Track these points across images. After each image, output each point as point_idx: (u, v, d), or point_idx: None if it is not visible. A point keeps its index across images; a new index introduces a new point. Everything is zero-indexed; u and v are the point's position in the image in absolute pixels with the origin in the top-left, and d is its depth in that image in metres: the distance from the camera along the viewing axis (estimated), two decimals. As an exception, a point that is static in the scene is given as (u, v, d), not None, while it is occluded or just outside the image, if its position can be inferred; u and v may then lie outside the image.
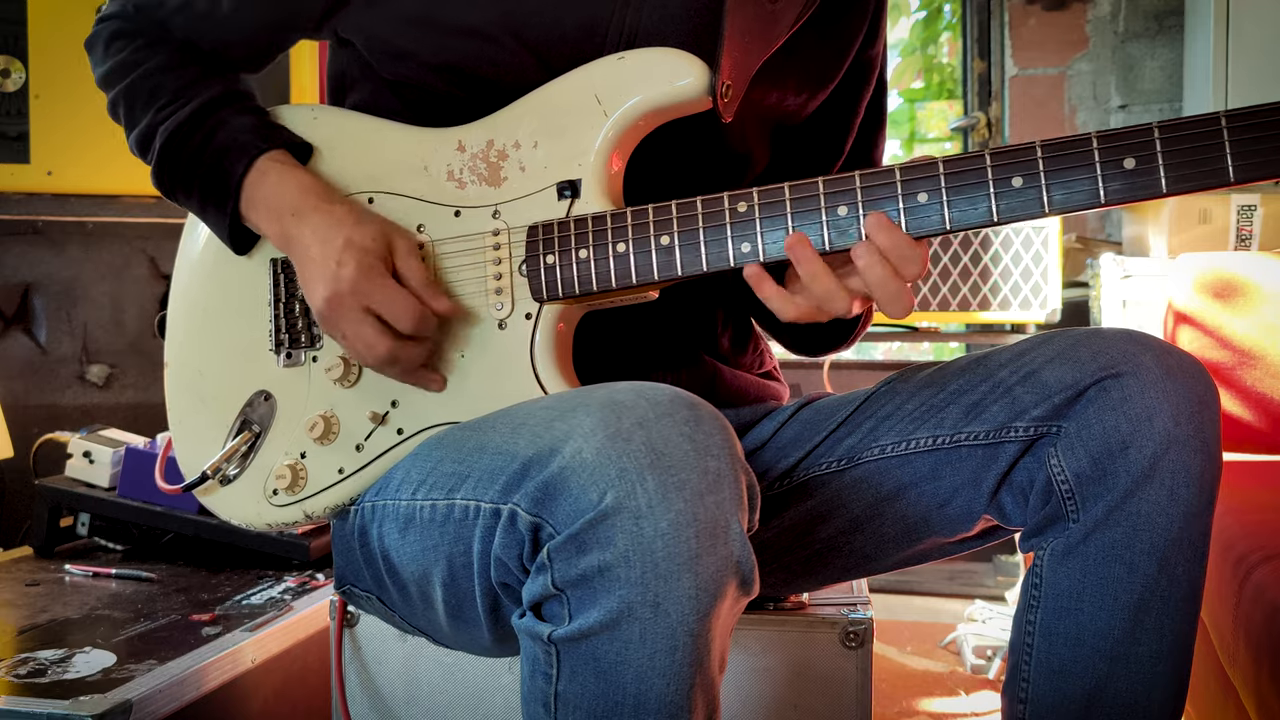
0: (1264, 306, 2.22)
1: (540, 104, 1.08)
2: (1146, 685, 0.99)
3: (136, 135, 1.18)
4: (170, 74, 1.17)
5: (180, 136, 1.14)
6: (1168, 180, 0.89)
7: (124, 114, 1.20)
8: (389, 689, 1.29)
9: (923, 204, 0.96)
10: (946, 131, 4.85)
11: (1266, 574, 1.41)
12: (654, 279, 1.02)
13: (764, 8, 1.10)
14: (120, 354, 2.61)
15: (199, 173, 1.14)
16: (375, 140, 1.15)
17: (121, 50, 1.19)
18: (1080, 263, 2.98)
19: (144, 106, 1.17)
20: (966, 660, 2.52)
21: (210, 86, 1.16)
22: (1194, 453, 0.97)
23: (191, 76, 1.17)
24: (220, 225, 1.16)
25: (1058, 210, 0.93)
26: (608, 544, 0.81)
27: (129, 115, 1.19)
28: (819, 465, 1.17)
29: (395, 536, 1.05)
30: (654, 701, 0.83)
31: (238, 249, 1.18)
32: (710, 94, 1.03)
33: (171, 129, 1.14)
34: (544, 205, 1.07)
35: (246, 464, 1.16)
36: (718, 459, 0.84)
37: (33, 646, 1.40)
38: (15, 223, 2.52)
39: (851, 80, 1.26)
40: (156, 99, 1.16)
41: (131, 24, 1.21)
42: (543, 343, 1.06)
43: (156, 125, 1.15)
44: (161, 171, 1.16)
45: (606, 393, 0.89)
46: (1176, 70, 3.23)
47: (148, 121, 1.16)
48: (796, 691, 1.24)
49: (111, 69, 1.20)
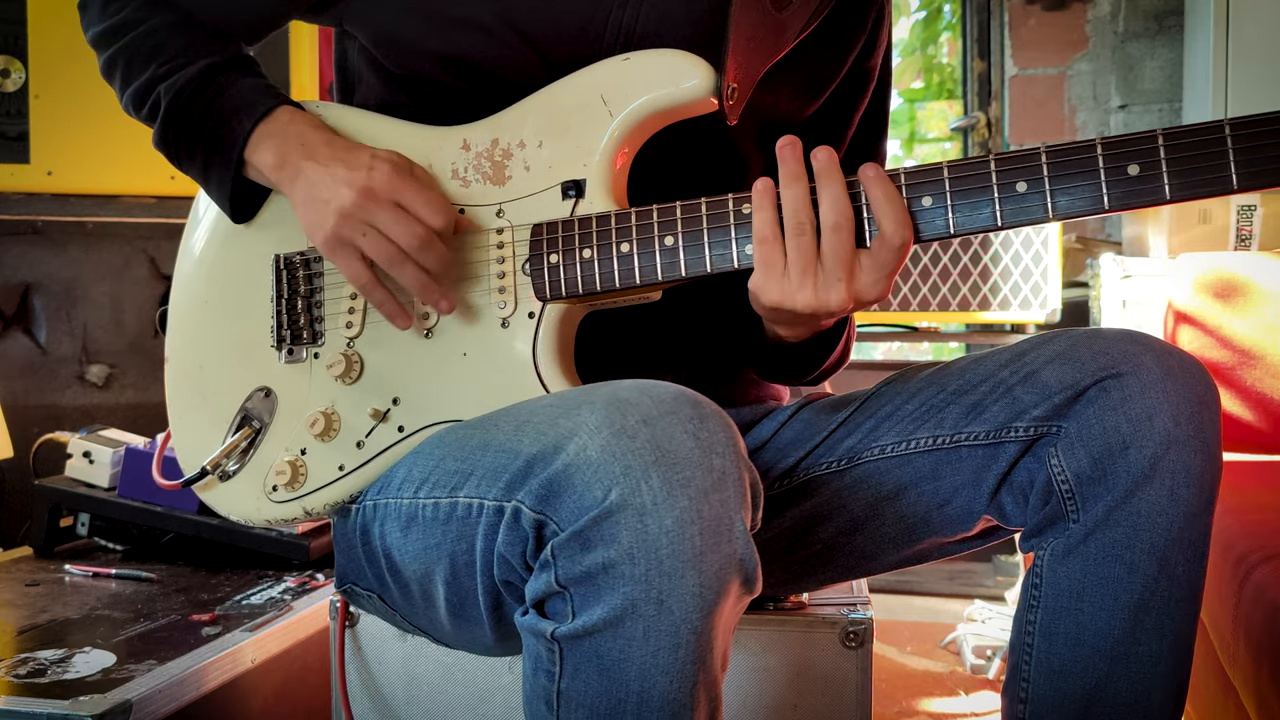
0: (1264, 306, 2.22)
1: (546, 103, 1.08)
2: (1146, 685, 0.99)
3: (134, 91, 1.16)
4: (174, 32, 1.15)
5: (187, 94, 1.12)
6: (1171, 187, 0.90)
7: (120, 70, 1.17)
8: (389, 689, 1.29)
9: (927, 208, 0.96)
10: (946, 131, 4.85)
11: (1266, 574, 1.41)
12: (658, 279, 1.02)
13: (770, 15, 1.10)
14: (120, 354, 2.61)
15: (207, 128, 1.12)
16: (380, 137, 1.14)
17: (121, 10, 1.17)
18: (1080, 263, 2.98)
19: (144, 62, 1.15)
20: (966, 660, 2.52)
21: (216, 49, 1.15)
22: (1194, 453, 0.97)
23: (196, 37, 1.15)
24: (223, 182, 1.14)
25: (1062, 216, 0.93)
26: (612, 541, 0.81)
27: (126, 71, 1.16)
28: (819, 465, 1.17)
29: (397, 535, 1.05)
30: (657, 699, 0.83)
31: (237, 215, 1.16)
32: (716, 96, 1.04)
33: (179, 85, 1.12)
34: (548, 204, 1.07)
35: (246, 460, 1.16)
36: (722, 457, 0.84)
37: (33, 646, 1.40)
38: (15, 223, 2.52)
39: (847, 89, 1.26)
40: (158, 55, 1.14)
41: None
42: (545, 342, 1.06)
43: (157, 81, 1.13)
44: (166, 130, 1.14)
45: (611, 390, 0.89)
46: (1176, 70, 3.23)
47: (147, 77, 1.14)
48: (796, 691, 1.24)
49: (109, 27, 1.17)
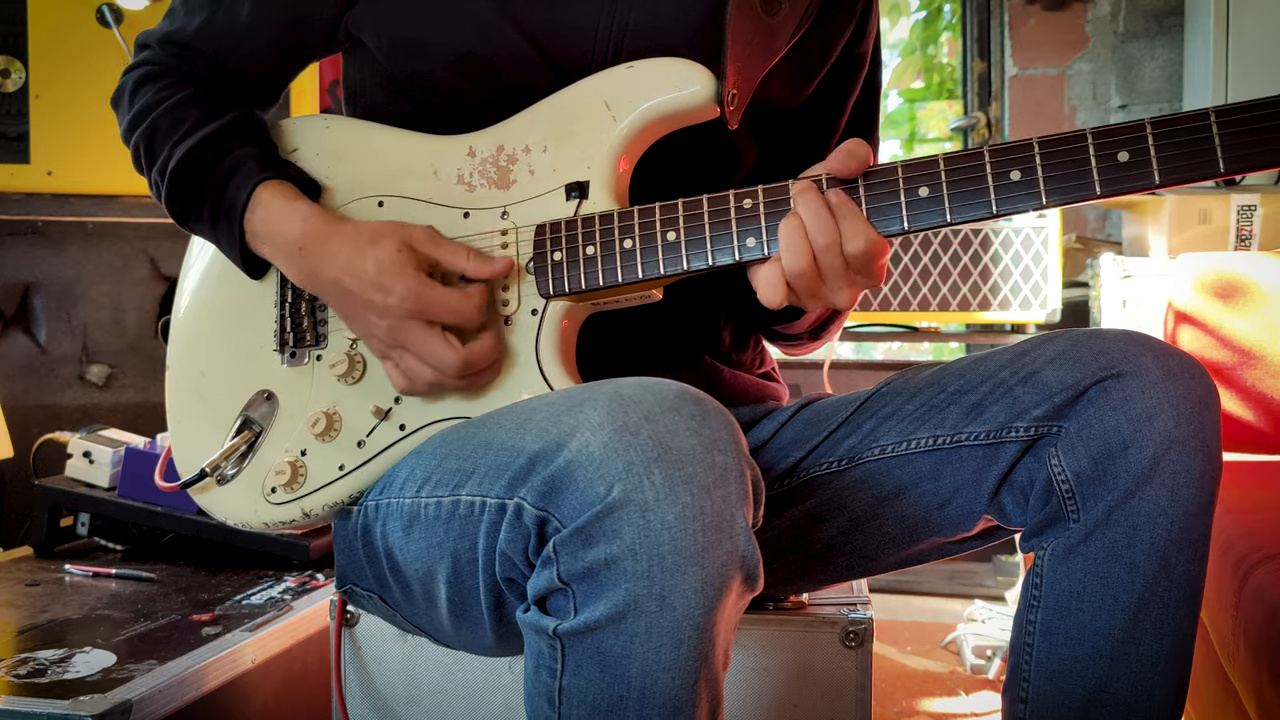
0: (1264, 306, 2.22)
1: (550, 110, 1.10)
2: (1147, 685, 0.99)
3: (156, 170, 1.17)
4: (192, 105, 1.16)
5: (188, 164, 1.14)
6: (1161, 172, 0.92)
7: (145, 156, 1.18)
8: (389, 689, 1.29)
9: (924, 198, 0.98)
10: (946, 131, 4.85)
11: (1266, 574, 1.41)
12: (660, 274, 1.03)
13: (763, 21, 1.11)
14: (120, 354, 2.61)
15: (207, 200, 1.14)
16: (386, 146, 1.16)
17: (148, 93, 1.19)
18: (1080, 263, 2.98)
19: (164, 139, 1.16)
20: (966, 660, 2.52)
21: (222, 116, 1.16)
22: (1194, 454, 0.97)
23: (209, 109, 1.16)
24: (233, 255, 1.15)
25: (1055, 203, 0.95)
26: (614, 537, 0.81)
27: (149, 155, 1.18)
28: (819, 465, 1.17)
29: (399, 534, 1.05)
30: (659, 695, 0.83)
31: (252, 274, 1.18)
32: (717, 102, 1.04)
33: (181, 155, 1.14)
34: (552, 205, 1.08)
35: (245, 463, 1.16)
36: (724, 454, 0.84)
37: (33, 646, 1.40)
38: (15, 223, 2.52)
39: (839, 76, 1.26)
40: (175, 131, 1.15)
41: (158, 64, 1.21)
42: (548, 338, 1.06)
43: (173, 154, 1.15)
44: (173, 201, 1.16)
45: (613, 387, 0.89)
46: (1176, 70, 3.23)
47: (165, 155, 1.16)
48: (796, 691, 1.24)
49: (136, 112, 1.19)
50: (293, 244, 1.09)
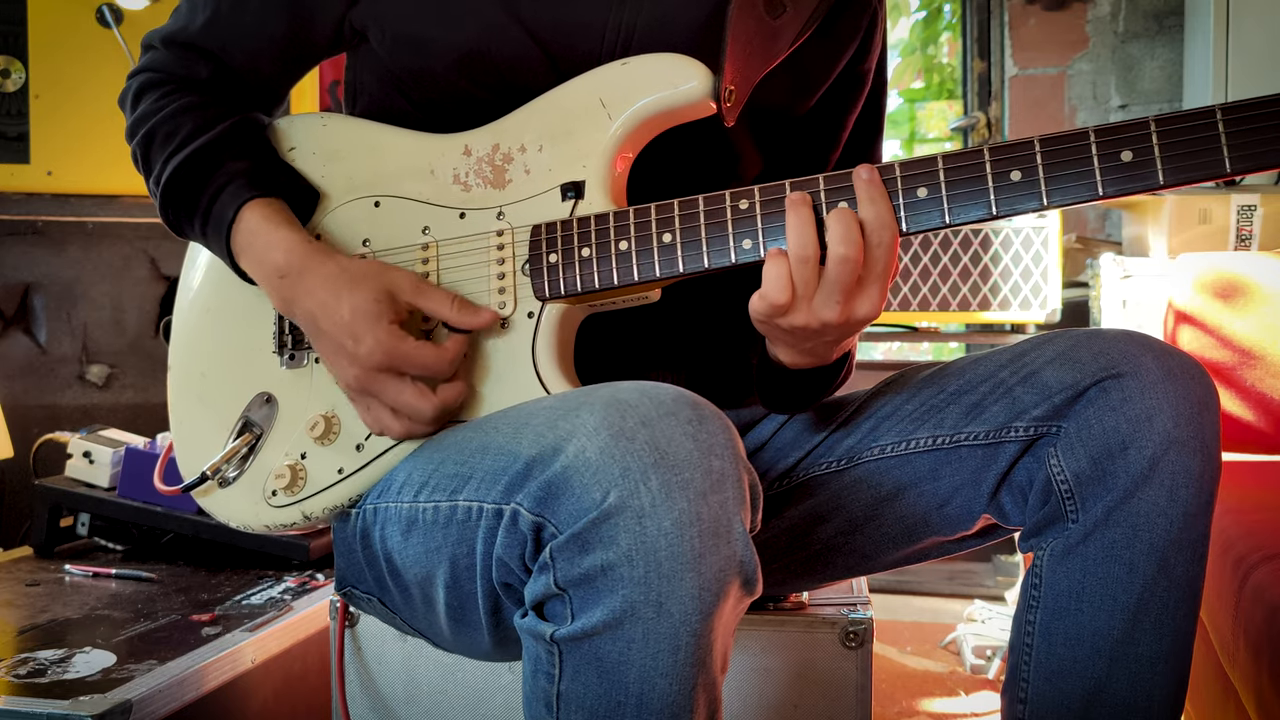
0: (1264, 306, 2.22)
1: (545, 108, 1.09)
2: (1146, 685, 1.00)
3: (152, 181, 1.17)
4: (188, 115, 1.16)
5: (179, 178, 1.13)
6: (1165, 172, 0.90)
7: (142, 164, 1.19)
8: (389, 689, 1.29)
9: (922, 199, 0.96)
10: (946, 131, 4.85)
11: (1266, 574, 1.41)
12: (656, 276, 1.02)
13: (765, 23, 1.11)
14: (120, 354, 2.61)
15: (197, 215, 1.14)
16: (382, 145, 1.15)
17: (147, 101, 1.19)
18: (1080, 263, 2.98)
19: (158, 151, 1.16)
20: (966, 660, 2.52)
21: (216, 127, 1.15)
22: (1193, 454, 0.97)
23: (204, 120, 1.15)
24: (228, 265, 1.15)
25: (1056, 204, 0.93)
26: (611, 543, 0.81)
27: (145, 164, 1.18)
28: (819, 465, 1.17)
29: (398, 539, 1.05)
30: (656, 701, 0.83)
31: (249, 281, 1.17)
32: (714, 98, 1.04)
33: (172, 170, 1.13)
34: (548, 206, 1.07)
35: (246, 466, 1.16)
36: (721, 458, 0.84)
37: (33, 646, 1.40)
38: (15, 223, 2.52)
39: (841, 90, 1.25)
40: (169, 144, 1.15)
41: (160, 70, 1.20)
42: (544, 342, 1.06)
43: (165, 167, 1.15)
44: (166, 212, 1.17)
45: (610, 392, 0.89)
46: (1176, 70, 3.23)
47: (159, 168, 1.16)
48: (796, 691, 1.24)
49: (135, 120, 1.19)
50: (274, 271, 1.09)
